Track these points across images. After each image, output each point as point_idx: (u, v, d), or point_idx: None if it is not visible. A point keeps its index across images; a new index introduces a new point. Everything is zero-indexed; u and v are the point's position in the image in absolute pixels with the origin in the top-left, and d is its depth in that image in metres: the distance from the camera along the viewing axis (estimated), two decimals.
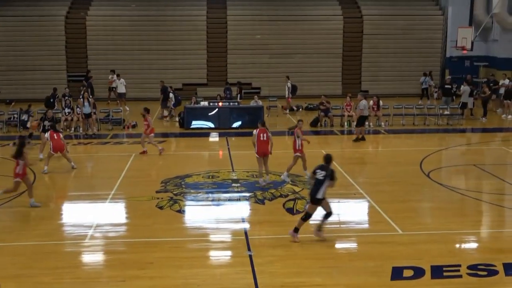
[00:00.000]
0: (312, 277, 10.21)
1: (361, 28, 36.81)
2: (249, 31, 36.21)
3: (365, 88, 36.02)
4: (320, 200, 11.83)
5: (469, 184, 16.72)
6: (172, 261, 10.98)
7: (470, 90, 27.77)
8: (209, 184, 16.43)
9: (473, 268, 10.51)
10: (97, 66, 35.01)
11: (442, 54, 37.28)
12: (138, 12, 35.96)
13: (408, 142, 22.69)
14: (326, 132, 25.22)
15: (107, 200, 14.99)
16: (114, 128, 25.55)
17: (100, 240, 12.23)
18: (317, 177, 11.93)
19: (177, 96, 29.25)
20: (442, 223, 13.13)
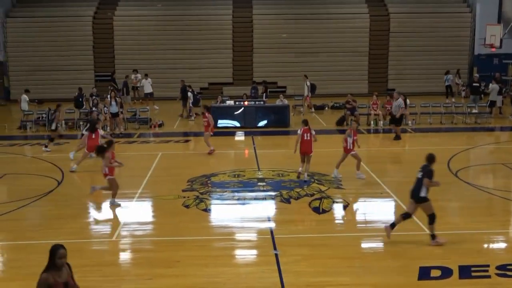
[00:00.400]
0: (338, 276, 10.16)
1: (387, 26, 36.57)
2: (274, 30, 36.20)
3: (392, 86, 35.77)
4: (422, 198, 11.70)
5: (497, 183, 16.50)
6: (198, 259, 11.02)
7: (498, 88, 27.41)
8: (235, 183, 16.46)
9: (502, 268, 10.37)
10: (124, 66, 35.33)
11: (470, 52, 36.88)
12: (164, 12, 36.19)
13: (435, 141, 22.47)
14: None
15: (134, 199, 15.11)
16: (140, 127, 25.73)
17: (127, 238, 12.32)
18: (417, 176, 11.88)
19: (196, 95, 29.24)
20: (470, 222, 12.99)
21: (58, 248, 7.31)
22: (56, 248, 7.32)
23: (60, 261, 7.26)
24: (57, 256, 7.25)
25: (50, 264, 7.26)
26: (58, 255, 7.26)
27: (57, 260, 7.24)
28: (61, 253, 7.28)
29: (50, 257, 7.25)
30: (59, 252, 7.28)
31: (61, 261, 7.28)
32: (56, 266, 7.25)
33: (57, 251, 7.28)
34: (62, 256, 7.29)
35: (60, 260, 7.27)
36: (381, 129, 25.08)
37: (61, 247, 7.34)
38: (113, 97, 25.14)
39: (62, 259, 7.28)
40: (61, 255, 7.28)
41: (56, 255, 7.25)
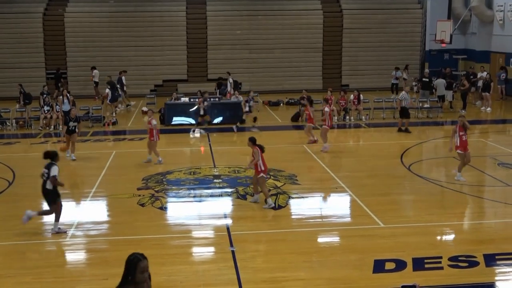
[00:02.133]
0: (295, 271, 10.22)
1: (341, 22, 36.90)
2: (228, 26, 36.14)
3: (346, 82, 36.15)
4: None
5: (449, 176, 16.84)
6: (155, 258, 10.88)
7: (445, 83, 27.95)
8: (190, 180, 16.39)
9: (454, 259, 10.60)
10: (76, 63, 34.77)
11: (421, 47, 37.51)
12: (116, 8, 35.72)
13: (389, 136, 22.79)
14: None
15: (88, 198, 14.90)
16: (94, 126, 25.38)
17: (82, 238, 12.15)
18: None
19: (114, 92, 28.50)
20: (423, 215, 13.23)
21: (140, 260, 5.68)
22: (136, 259, 5.69)
23: (142, 276, 5.68)
24: (139, 270, 5.66)
25: (127, 280, 5.67)
26: (140, 268, 5.67)
27: (138, 275, 5.66)
28: (144, 266, 5.69)
29: (128, 271, 5.68)
30: (141, 265, 5.67)
31: (143, 276, 5.69)
32: (136, 282, 5.68)
33: (139, 263, 5.66)
34: (145, 270, 5.70)
35: (142, 275, 5.68)
36: (335, 124, 25.27)
37: (143, 258, 5.71)
38: (65, 95, 24.71)
39: (144, 273, 5.70)
40: (144, 269, 5.69)
41: (137, 268, 5.65)
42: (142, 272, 5.66)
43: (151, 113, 19.37)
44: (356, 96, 26.11)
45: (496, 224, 13.06)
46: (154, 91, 33.91)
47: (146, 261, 5.71)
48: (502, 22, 33.13)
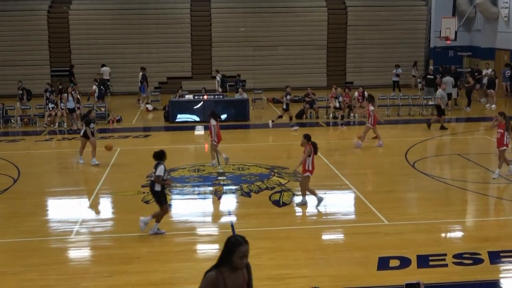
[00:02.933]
0: (299, 269, 10.22)
1: (345, 19, 36.85)
2: (233, 23, 36.13)
3: (350, 79, 36.11)
4: None
5: (454, 173, 16.81)
6: (159, 255, 10.95)
7: (452, 81, 27.87)
8: (195, 177, 16.40)
9: (459, 257, 10.58)
10: (81, 60, 34.81)
11: (426, 44, 37.43)
12: (120, 5, 35.74)
13: (393, 133, 22.76)
14: (311, 124, 25.24)
15: (93, 196, 14.92)
16: (98, 123, 25.36)
17: (86, 235, 12.17)
18: None
19: (101, 89, 28.50)
20: (427, 212, 13.20)
21: (240, 243, 5.40)
22: (237, 242, 5.42)
23: (240, 261, 5.43)
24: (238, 254, 5.39)
25: (224, 261, 5.45)
26: (240, 252, 5.39)
27: (236, 260, 5.41)
28: (244, 251, 5.42)
29: (226, 253, 5.43)
30: (242, 250, 5.40)
31: (242, 262, 5.45)
32: (233, 266, 5.45)
33: (239, 247, 5.38)
34: (245, 255, 5.44)
35: (241, 260, 5.43)
36: (339, 122, 25.25)
37: (244, 242, 5.43)
38: (70, 92, 24.75)
39: (243, 258, 5.44)
40: (244, 254, 5.42)
41: (235, 252, 5.38)
42: (241, 257, 5.38)
43: None
44: (360, 93, 26.08)
45: (501, 221, 13.03)
46: (159, 88, 33.95)
47: (247, 246, 5.40)
48: (507, 19, 33.00)
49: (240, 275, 5.54)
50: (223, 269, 5.45)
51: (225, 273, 5.46)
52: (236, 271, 5.49)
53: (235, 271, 5.49)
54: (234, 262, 5.42)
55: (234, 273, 5.49)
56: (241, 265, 5.47)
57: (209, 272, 5.47)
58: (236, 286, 5.54)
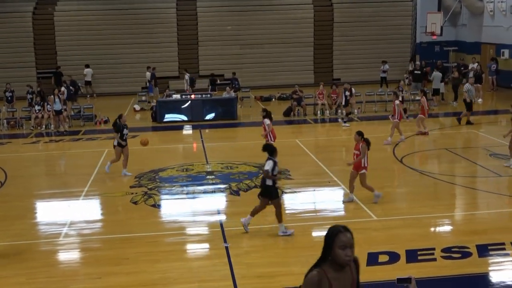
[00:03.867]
0: (289, 266, 10.24)
1: (331, 16, 36.89)
2: (219, 22, 36.07)
3: (337, 76, 36.15)
4: None
5: (441, 168, 16.89)
6: (149, 255, 10.93)
7: (441, 76, 27.99)
8: (183, 177, 16.38)
9: (447, 251, 10.64)
10: (67, 62, 34.60)
11: (412, 40, 37.54)
12: (106, 6, 35.58)
13: (381, 129, 22.79)
14: (299, 121, 25.27)
15: (81, 197, 14.86)
16: (85, 124, 25.31)
17: (75, 237, 12.12)
18: None
19: (70, 90, 28.18)
20: (416, 207, 13.26)
21: (339, 231, 4.59)
22: (336, 231, 4.61)
23: (343, 253, 4.55)
24: (338, 244, 4.56)
25: (325, 256, 4.66)
26: (340, 242, 4.56)
27: (338, 253, 4.56)
28: (346, 241, 4.57)
29: (326, 247, 4.65)
30: (342, 239, 4.56)
31: (345, 255, 4.56)
32: (336, 262, 4.61)
33: (338, 235, 4.56)
34: (347, 245, 4.56)
35: (343, 252, 4.55)
36: (327, 118, 25.31)
37: (344, 230, 4.62)
38: (57, 94, 24.61)
39: (346, 250, 4.55)
40: (345, 244, 4.56)
41: (334, 243, 4.56)
42: (343, 248, 4.52)
43: (262, 113, 17.81)
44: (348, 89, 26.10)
45: (488, 214, 13.11)
46: (146, 89, 33.81)
47: (348, 235, 4.56)
48: (492, 13, 33.19)
49: (347, 273, 4.69)
50: (326, 268, 4.62)
51: (330, 273, 4.62)
52: (342, 270, 4.64)
53: (341, 270, 4.64)
54: (336, 256, 4.55)
55: (340, 272, 4.64)
56: (344, 259, 4.53)
57: (311, 272, 4.66)
58: (344, 285, 4.69)
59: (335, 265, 4.65)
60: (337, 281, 4.65)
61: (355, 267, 4.85)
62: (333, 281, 4.63)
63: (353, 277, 4.77)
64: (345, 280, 4.72)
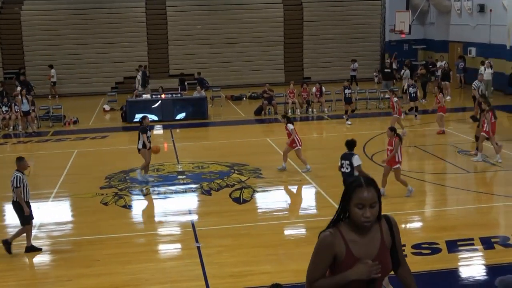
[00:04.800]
0: (260, 265, 10.24)
1: (301, 15, 37.00)
2: (189, 21, 35.94)
3: (307, 75, 36.30)
4: None
5: (411, 165, 17.05)
6: (120, 257, 10.84)
7: (410, 74, 28.25)
8: (154, 177, 16.27)
9: (417, 247, 10.74)
10: (35, 62, 34.15)
11: (381, 38, 37.85)
12: (74, 5, 35.18)
13: (351, 127, 22.97)
14: (270, 120, 25.31)
15: (50, 199, 14.68)
16: (54, 125, 25.00)
17: (44, 240, 11.97)
18: None
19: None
20: (386, 204, 13.19)
21: (360, 185, 3.94)
22: (356, 184, 3.95)
23: (359, 212, 3.87)
24: (355, 200, 3.90)
25: (340, 213, 4.05)
26: (357, 199, 3.89)
27: (353, 210, 3.91)
28: (364, 197, 3.87)
29: (342, 201, 4.03)
30: (360, 195, 3.89)
31: (363, 214, 3.86)
32: (354, 221, 3.92)
33: (356, 191, 3.91)
34: (366, 203, 3.87)
35: (359, 211, 3.87)
36: (298, 117, 25.39)
37: (366, 183, 3.95)
38: (24, 94, 24.28)
39: (365, 209, 3.87)
40: (364, 201, 3.87)
41: (352, 198, 3.91)
42: (360, 206, 3.86)
43: (283, 119, 16.95)
44: (318, 88, 26.26)
45: (457, 211, 13.29)
46: (115, 89, 33.59)
47: (371, 191, 3.89)
48: (459, 12, 33.62)
49: (374, 236, 3.98)
50: (344, 228, 3.97)
51: (348, 234, 3.94)
52: (366, 231, 3.94)
53: (364, 231, 3.94)
54: (352, 216, 3.90)
55: (362, 235, 3.94)
56: (360, 220, 3.86)
57: (323, 232, 4.02)
58: (367, 254, 3.94)
59: (354, 226, 3.95)
60: (357, 245, 3.94)
61: (388, 227, 4.09)
62: (351, 244, 3.93)
63: (382, 241, 4.01)
64: (370, 245, 3.96)
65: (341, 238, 3.98)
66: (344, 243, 3.97)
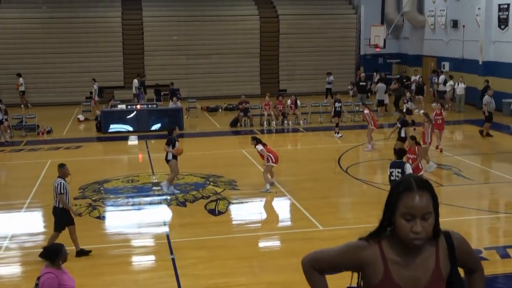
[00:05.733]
0: (236, 277, 10.22)
1: (277, 27, 37.19)
2: (165, 32, 35.88)
3: (283, 87, 36.41)
4: None
5: (385, 178, 17.12)
6: (93, 268, 10.73)
7: (385, 87, 28.54)
8: (129, 188, 16.17)
9: None
10: (7, 70, 33.72)
11: (356, 52, 38.17)
12: (49, 14, 34.91)
13: (326, 139, 23.09)
14: (246, 132, 25.32)
15: (23, 209, 14.49)
16: (28, 135, 24.70)
17: (16, 251, 11.81)
18: None
19: None
20: (361, 217, 13.43)
21: (407, 188, 3.02)
22: (402, 187, 3.04)
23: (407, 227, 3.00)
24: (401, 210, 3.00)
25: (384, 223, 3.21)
26: (404, 207, 2.99)
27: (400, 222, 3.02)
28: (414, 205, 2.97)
29: (386, 210, 3.17)
30: (408, 201, 2.98)
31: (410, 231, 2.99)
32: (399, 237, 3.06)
33: (402, 196, 3.02)
34: (416, 214, 2.97)
35: (407, 224, 2.99)
36: (274, 129, 25.45)
37: (419, 187, 3.02)
38: None
39: (414, 221, 2.98)
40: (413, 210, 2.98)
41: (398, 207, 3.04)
42: (409, 217, 2.93)
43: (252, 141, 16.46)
44: (293, 101, 26.36)
45: None
46: (90, 98, 33.32)
47: (423, 196, 2.94)
48: (433, 27, 34.11)
49: (426, 261, 3.03)
50: (386, 242, 3.09)
51: (389, 252, 3.05)
52: (415, 253, 3.01)
53: (413, 253, 3.01)
54: (397, 229, 2.99)
55: (409, 256, 3.02)
56: (408, 237, 2.93)
57: (361, 240, 3.25)
58: (413, 283, 3.02)
59: (400, 243, 3.03)
60: (400, 269, 3.02)
61: (448, 248, 3.12)
62: (392, 266, 3.02)
63: (437, 267, 3.06)
64: (418, 270, 3.03)
65: (379, 255, 3.07)
66: (382, 262, 3.05)
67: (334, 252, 3.36)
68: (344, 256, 3.27)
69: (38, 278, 7.35)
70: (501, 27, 28.19)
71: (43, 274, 7.18)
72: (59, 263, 7.22)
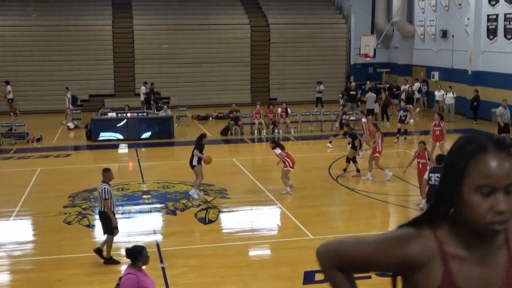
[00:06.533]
0: (226, 286, 10.20)
1: (268, 36, 37.29)
2: (156, 40, 35.89)
3: (274, 96, 36.47)
4: None
5: (375, 187, 17.21)
6: (82, 277, 10.68)
7: (375, 97, 28.64)
8: (119, 196, 16.09)
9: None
10: None
11: (346, 61, 38.31)
12: (40, 22, 34.86)
13: (317, 148, 23.14)
14: (236, 140, 25.33)
15: (11, 218, 14.40)
16: (17, 143, 24.58)
17: (5, 259, 11.73)
18: None
19: None
20: (351, 226, 13.46)
21: (482, 148, 2.00)
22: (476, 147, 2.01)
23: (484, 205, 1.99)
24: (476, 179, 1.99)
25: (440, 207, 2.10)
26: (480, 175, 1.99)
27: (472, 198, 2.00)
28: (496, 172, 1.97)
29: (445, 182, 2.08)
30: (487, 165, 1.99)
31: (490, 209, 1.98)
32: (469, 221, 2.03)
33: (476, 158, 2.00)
34: (499, 185, 1.98)
35: (485, 201, 1.99)
36: (264, 137, 25.48)
37: (499, 147, 2.00)
38: None
39: (495, 196, 1.98)
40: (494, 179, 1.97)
41: (468, 174, 2.00)
42: (487, 190, 1.98)
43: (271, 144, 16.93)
44: (283, 109, 26.40)
45: None
46: (80, 106, 33.23)
47: (505, 157, 2.00)
48: (422, 37, 34.33)
49: (498, 256, 2.11)
50: (443, 232, 2.11)
51: (450, 245, 2.10)
52: (487, 245, 2.10)
53: (485, 244, 2.10)
54: (467, 209, 2.03)
55: (478, 249, 2.09)
56: (483, 217, 1.99)
57: (405, 227, 2.18)
58: (483, 282, 2.08)
59: (465, 230, 2.09)
60: (466, 267, 2.09)
61: None
62: (455, 265, 2.09)
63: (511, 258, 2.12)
64: (490, 268, 2.11)
65: (436, 249, 2.10)
66: (441, 259, 2.09)
67: (366, 245, 2.29)
68: (381, 252, 2.20)
69: (120, 278, 7.51)
70: (489, 37, 28.42)
71: (124, 275, 7.26)
72: (139, 265, 7.24)
